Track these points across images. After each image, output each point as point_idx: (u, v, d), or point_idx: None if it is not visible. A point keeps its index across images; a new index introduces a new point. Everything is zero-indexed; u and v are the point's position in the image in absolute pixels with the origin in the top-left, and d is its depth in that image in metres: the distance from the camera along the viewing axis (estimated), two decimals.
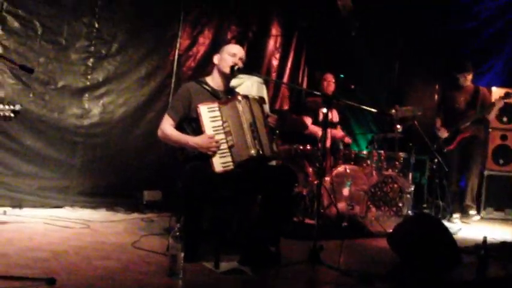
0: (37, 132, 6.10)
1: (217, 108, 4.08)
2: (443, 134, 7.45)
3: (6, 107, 4.09)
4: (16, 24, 5.86)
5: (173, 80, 6.99)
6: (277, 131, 4.73)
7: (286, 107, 8.25)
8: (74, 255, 4.05)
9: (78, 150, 6.39)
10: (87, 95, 6.39)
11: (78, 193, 6.39)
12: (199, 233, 3.99)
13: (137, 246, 4.48)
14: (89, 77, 6.39)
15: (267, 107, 4.50)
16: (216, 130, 4.05)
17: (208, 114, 4.05)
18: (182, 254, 3.50)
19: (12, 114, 4.13)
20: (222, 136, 4.04)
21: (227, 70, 4.32)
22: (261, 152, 4.09)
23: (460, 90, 7.48)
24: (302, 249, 4.58)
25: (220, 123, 4.06)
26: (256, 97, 4.37)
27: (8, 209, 5.68)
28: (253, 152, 4.06)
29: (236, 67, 4.29)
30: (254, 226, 4.22)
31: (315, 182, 6.23)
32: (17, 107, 4.16)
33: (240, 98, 4.20)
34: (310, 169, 6.49)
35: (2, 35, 5.77)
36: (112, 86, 6.56)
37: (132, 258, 4.09)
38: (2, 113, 4.12)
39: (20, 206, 5.87)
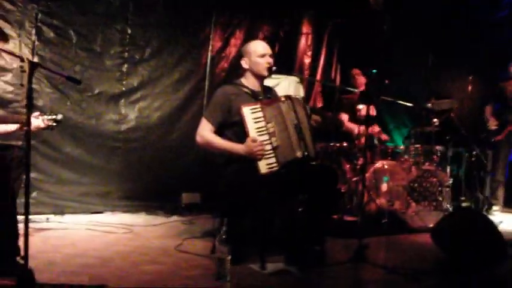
0: (76, 139, 6.20)
1: (260, 109, 4.02)
2: (493, 124, 7.36)
3: (49, 116, 4.14)
4: (51, 34, 5.95)
5: (207, 83, 7.03)
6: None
7: (319, 105, 8.22)
8: (120, 261, 4.09)
9: (116, 156, 6.46)
10: (123, 101, 6.46)
11: (118, 198, 6.47)
12: (244, 235, 3.99)
13: (181, 249, 4.52)
14: (124, 82, 6.46)
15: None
16: (260, 131, 4.00)
17: (252, 115, 4.00)
18: (229, 257, 3.51)
19: (54, 124, 4.17)
20: (266, 137, 3.99)
21: (265, 73, 4.26)
22: (306, 153, 4.06)
23: (509, 81, 7.37)
24: (344, 247, 4.59)
25: (263, 124, 4.01)
26: (299, 97, 4.35)
27: (51, 216, 5.77)
28: (299, 153, 4.03)
29: (274, 68, 4.26)
30: (298, 226, 4.19)
31: (353, 179, 6.21)
32: (59, 117, 4.20)
33: (283, 98, 4.15)
34: (348, 166, 6.45)
35: (38, 45, 5.85)
36: (147, 90, 6.62)
37: (178, 262, 4.12)
38: (44, 124, 4.18)
39: (62, 213, 5.96)
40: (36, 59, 5.71)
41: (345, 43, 8.56)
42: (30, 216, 3.69)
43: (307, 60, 8.14)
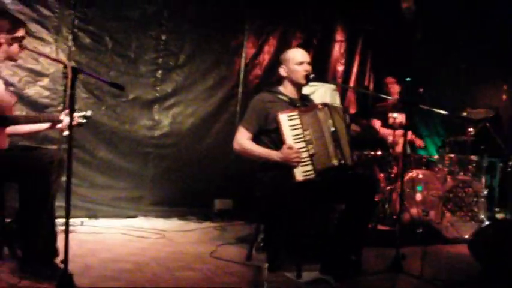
0: (110, 144, 6.23)
1: (297, 116, 4.01)
2: None
3: (79, 113, 4.13)
4: (87, 40, 6.00)
5: (240, 90, 7.02)
6: None
7: (352, 112, 8.18)
8: (156, 266, 4.10)
9: (149, 161, 6.48)
10: (156, 106, 6.49)
11: (151, 203, 6.48)
12: (281, 243, 3.97)
13: (216, 255, 4.52)
14: (158, 88, 6.48)
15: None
16: (297, 138, 3.98)
17: (289, 122, 3.99)
18: (266, 265, 3.49)
19: (84, 120, 4.16)
20: (303, 144, 3.97)
21: (303, 81, 4.25)
22: (342, 162, 4.03)
23: None
24: (379, 256, 4.54)
25: (300, 131, 3.99)
26: (338, 106, 4.33)
27: (85, 220, 5.81)
28: (335, 161, 4.01)
29: (311, 76, 4.25)
30: (335, 235, 4.14)
31: (387, 188, 6.16)
32: (89, 113, 4.16)
33: (320, 106, 4.13)
34: (381, 175, 6.40)
35: (75, 51, 5.90)
36: (181, 96, 6.63)
37: (213, 268, 4.11)
38: (74, 121, 4.16)
39: (96, 217, 6.00)
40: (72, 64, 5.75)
41: (378, 51, 8.51)
42: (62, 220, 3.73)
43: (340, 68, 8.10)
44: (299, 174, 3.92)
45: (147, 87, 6.42)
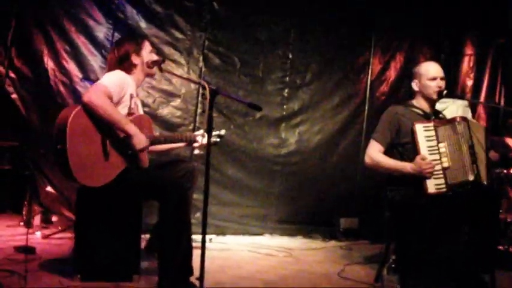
0: (238, 162, 6.37)
1: (432, 128, 3.92)
2: None
3: (214, 132, 4.23)
4: (217, 60, 6.20)
5: (366, 107, 6.96)
6: None
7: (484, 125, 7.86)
8: (284, 285, 4.13)
9: (276, 179, 6.56)
10: (283, 125, 6.57)
11: (277, 221, 6.55)
12: (413, 264, 3.87)
13: (343, 275, 4.48)
14: (284, 106, 6.56)
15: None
16: (431, 150, 3.88)
17: (424, 133, 3.90)
18: (398, 287, 3.42)
19: (218, 139, 4.27)
20: (437, 157, 3.87)
21: (434, 96, 4.14)
22: (478, 178, 3.90)
23: None
24: None
25: (435, 143, 3.90)
26: (480, 125, 4.18)
27: (213, 236, 5.94)
28: (470, 176, 3.86)
29: (444, 92, 4.14)
30: (466, 255, 3.98)
31: None
32: (223, 132, 4.28)
33: (459, 119, 4.00)
34: None
35: (205, 71, 6.11)
36: (307, 114, 6.68)
37: None
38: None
39: (224, 234, 6.13)
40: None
41: (509, 64, 8.14)
42: (194, 237, 3.84)
43: (469, 83, 7.81)
44: (431, 186, 3.81)
45: (274, 105, 6.52)
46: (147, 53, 3.97)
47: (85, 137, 3.49)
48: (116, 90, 3.65)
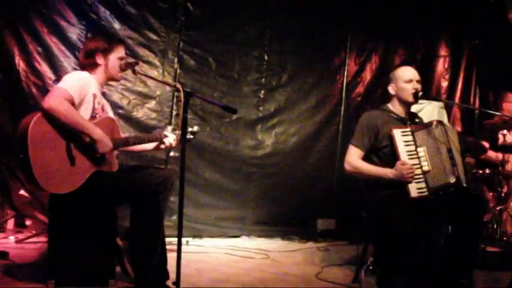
0: (214, 164, 6.34)
1: (410, 133, 3.94)
2: None
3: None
4: (192, 62, 6.16)
5: (342, 108, 6.96)
6: None
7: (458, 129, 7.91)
8: None
9: (253, 181, 6.54)
10: (260, 126, 6.55)
11: (254, 222, 6.53)
12: (392, 266, 3.86)
13: (321, 277, 4.46)
14: (261, 108, 6.54)
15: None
16: (410, 155, 3.90)
17: (402, 138, 3.92)
18: None
19: (191, 136, 4.23)
20: (416, 161, 3.88)
21: (411, 99, 4.14)
22: (459, 180, 3.91)
23: None
24: (491, 280, 4.36)
25: (413, 147, 3.91)
26: (454, 129, 4.21)
27: (190, 239, 5.89)
28: (451, 179, 3.87)
29: (420, 94, 4.14)
30: (443, 257, 4.00)
31: (497, 208, 5.90)
32: (195, 128, 4.24)
33: (435, 123, 4.03)
34: (490, 194, 6.14)
35: (180, 73, 6.07)
36: (283, 116, 6.67)
37: None
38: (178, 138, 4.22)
39: (200, 236, 6.08)
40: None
41: (484, 65, 8.21)
42: (170, 239, 3.79)
43: (444, 84, 7.86)
44: (413, 191, 3.82)
45: (250, 107, 6.50)
46: (115, 59, 3.86)
47: (48, 143, 3.40)
48: (77, 93, 3.56)
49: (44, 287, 3.61)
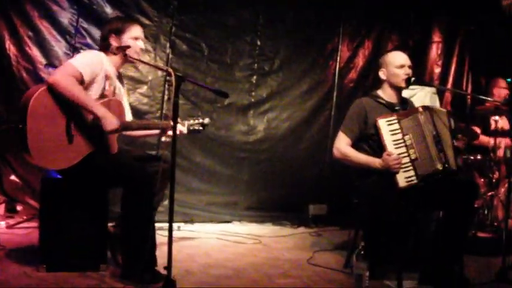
0: (206, 149, 6.32)
1: (396, 121, 3.93)
2: None
3: (195, 121, 4.18)
4: (184, 46, 6.12)
5: (335, 94, 6.94)
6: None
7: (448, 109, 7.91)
8: (254, 272, 4.11)
9: (244, 166, 6.53)
10: (252, 112, 6.53)
11: (246, 208, 6.53)
12: (383, 251, 3.88)
13: (313, 262, 4.48)
14: (253, 93, 6.52)
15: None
16: (397, 144, 3.90)
17: (388, 127, 3.91)
18: (367, 273, 3.43)
19: (201, 128, 4.21)
20: (403, 150, 3.89)
21: (403, 84, 4.14)
22: (446, 166, 3.91)
23: None
24: (482, 265, 4.38)
25: (400, 136, 3.91)
26: (442, 109, 4.22)
27: (181, 224, 5.89)
28: (439, 166, 3.88)
29: (412, 79, 4.14)
30: (434, 243, 4.01)
31: (488, 194, 5.92)
32: (206, 120, 4.23)
33: (421, 109, 4.03)
34: (482, 180, 6.16)
35: (172, 58, 6.04)
36: (275, 101, 6.65)
37: (311, 275, 4.09)
38: (192, 127, 4.22)
39: (192, 221, 6.08)
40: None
41: (476, 51, 8.20)
42: (161, 224, 3.80)
43: (437, 70, 7.84)
44: (401, 180, 3.83)
45: (243, 92, 6.48)
46: (129, 38, 3.87)
47: (48, 118, 3.41)
48: (87, 70, 3.56)
49: (35, 271, 3.62)
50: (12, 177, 5.44)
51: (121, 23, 3.91)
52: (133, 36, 3.90)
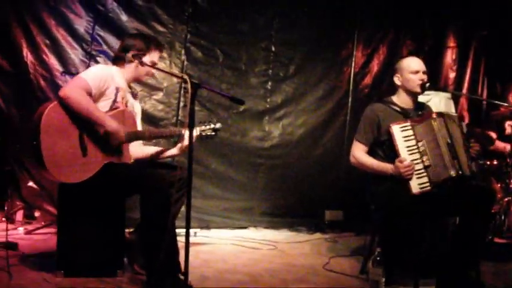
0: (221, 155, 6.35)
1: (410, 127, 3.91)
2: None
3: (207, 126, 4.17)
4: (199, 53, 6.16)
5: (350, 99, 6.94)
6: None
7: (466, 121, 7.87)
8: (269, 278, 4.11)
9: (260, 172, 6.55)
10: (267, 118, 6.55)
11: (261, 213, 6.54)
12: (398, 257, 3.87)
13: (328, 268, 4.47)
14: (268, 99, 6.54)
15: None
16: (410, 150, 3.89)
17: (401, 133, 3.90)
18: (383, 279, 3.42)
19: (213, 133, 4.20)
20: (417, 156, 3.87)
21: (418, 90, 4.12)
22: (460, 172, 3.89)
23: None
24: (498, 271, 4.35)
25: (414, 142, 3.89)
26: (453, 114, 4.20)
27: (197, 230, 5.90)
28: (452, 172, 3.86)
29: (427, 84, 4.13)
30: (451, 249, 3.99)
31: (505, 199, 5.89)
32: (218, 125, 4.20)
33: (434, 115, 4.01)
34: (498, 185, 6.12)
35: (187, 65, 6.07)
36: (291, 107, 6.67)
37: (327, 281, 4.09)
38: (204, 133, 4.20)
39: (208, 227, 6.09)
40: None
41: (492, 56, 8.17)
42: (178, 230, 3.80)
43: (452, 75, 7.82)
44: (415, 187, 3.81)
45: (258, 98, 6.50)
46: (148, 61, 3.91)
47: (61, 132, 3.45)
48: (96, 84, 3.61)
49: (53, 276, 3.65)
50: (30, 183, 5.48)
51: (145, 45, 3.94)
52: (152, 61, 3.95)
